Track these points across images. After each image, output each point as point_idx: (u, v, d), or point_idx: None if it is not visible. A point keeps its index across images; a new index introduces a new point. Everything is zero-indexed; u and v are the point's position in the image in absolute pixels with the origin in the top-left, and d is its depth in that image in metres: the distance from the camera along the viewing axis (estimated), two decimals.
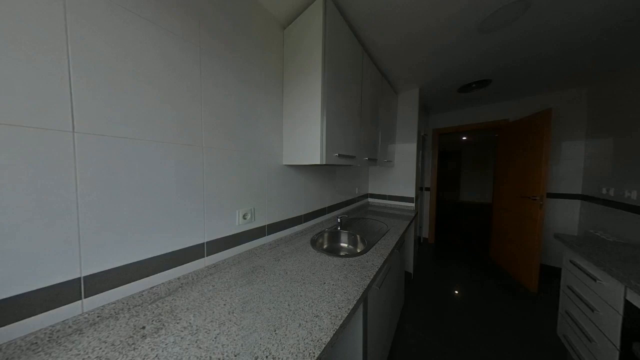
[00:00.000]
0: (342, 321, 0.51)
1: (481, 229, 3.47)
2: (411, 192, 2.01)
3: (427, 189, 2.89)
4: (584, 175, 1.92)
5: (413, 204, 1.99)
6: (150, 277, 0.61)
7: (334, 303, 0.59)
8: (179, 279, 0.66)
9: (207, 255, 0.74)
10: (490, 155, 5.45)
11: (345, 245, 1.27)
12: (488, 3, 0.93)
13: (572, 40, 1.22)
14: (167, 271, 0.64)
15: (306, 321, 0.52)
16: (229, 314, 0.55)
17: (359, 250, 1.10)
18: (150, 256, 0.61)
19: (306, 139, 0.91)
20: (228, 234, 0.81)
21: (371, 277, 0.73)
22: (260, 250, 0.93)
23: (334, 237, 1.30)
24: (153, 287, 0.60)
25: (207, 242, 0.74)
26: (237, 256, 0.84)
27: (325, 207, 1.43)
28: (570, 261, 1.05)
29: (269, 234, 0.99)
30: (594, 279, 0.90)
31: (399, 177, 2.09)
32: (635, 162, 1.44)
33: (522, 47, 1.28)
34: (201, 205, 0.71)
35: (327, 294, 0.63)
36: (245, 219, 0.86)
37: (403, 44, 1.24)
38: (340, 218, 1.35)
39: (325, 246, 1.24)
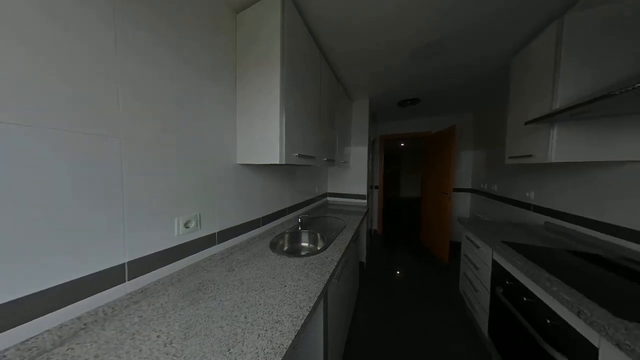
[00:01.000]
0: (303, 321, 0.52)
1: (415, 219, 4.33)
2: (363, 190, 2.26)
3: (376, 187, 3.33)
4: (472, 176, 2.73)
5: (365, 201, 2.24)
6: (30, 322, 0.42)
7: (295, 304, 0.59)
8: (79, 318, 0.48)
9: (129, 279, 0.58)
10: (421, 159, 6.87)
11: (306, 244, 1.29)
12: (417, 38, 1.17)
13: (468, 76, 1.70)
14: (59, 310, 0.46)
15: (266, 330, 0.49)
16: (166, 346, 0.45)
17: (319, 248, 1.14)
18: (30, 292, 0.42)
19: (264, 138, 0.86)
20: (163, 248, 0.66)
21: (330, 272, 0.77)
22: (209, 263, 0.81)
23: (295, 238, 1.29)
24: (29, 339, 0.42)
25: (130, 262, 0.58)
26: (176, 274, 0.70)
27: (285, 208, 1.40)
28: (466, 236, 1.47)
29: (220, 242, 0.88)
30: (477, 247, 1.29)
31: (354, 177, 2.30)
32: (495, 168, 2.16)
33: (440, 76, 1.68)
34: (119, 215, 0.55)
35: (289, 296, 0.62)
36: (188, 227, 0.73)
37: (357, 56, 1.37)
38: (300, 218, 1.36)
39: (285, 248, 1.21)
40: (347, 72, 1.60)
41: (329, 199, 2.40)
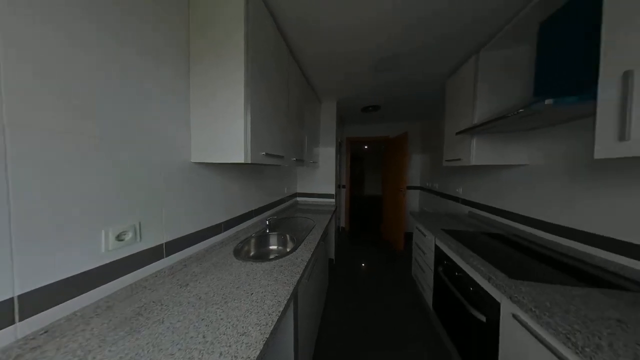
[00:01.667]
0: (272, 327, 0.50)
1: (377, 215, 4.79)
2: (332, 190, 2.34)
3: (343, 186, 3.51)
4: (420, 175, 3.22)
5: (333, 200, 2.33)
6: None
7: (263, 311, 0.56)
8: None
9: (21, 319, 0.42)
10: (382, 160, 7.63)
11: (275, 247, 1.24)
12: (376, 52, 1.30)
13: (417, 91, 1.99)
14: None
15: (229, 345, 0.45)
16: None
17: (288, 250, 1.12)
18: None
19: (226, 135, 0.78)
20: (81, 271, 0.51)
21: (300, 272, 0.77)
22: (154, 280, 0.68)
23: (263, 241, 1.23)
24: None
25: (22, 296, 0.42)
26: (104, 300, 0.55)
27: (252, 210, 1.31)
28: (416, 227, 1.73)
29: (169, 254, 0.75)
30: (424, 235, 1.53)
31: (323, 177, 2.36)
32: (436, 169, 2.62)
33: (395, 88, 1.91)
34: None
35: (256, 304, 0.59)
36: (121, 240, 0.59)
37: (326, 60, 1.41)
38: (269, 220, 1.30)
39: (252, 253, 1.14)
40: (316, 74, 1.62)
41: (298, 199, 2.38)
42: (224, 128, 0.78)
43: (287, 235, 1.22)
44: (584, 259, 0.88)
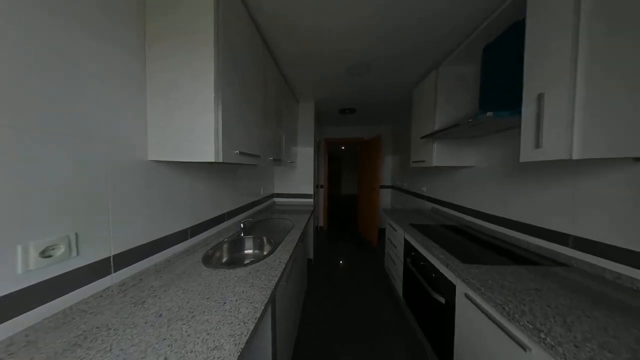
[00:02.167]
0: (247, 337, 0.47)
1: (354, 213, 5.00)
2: (310, 190, 2.35)
3: (321, 186, 3.55)
4: (392, 175, 3.49)
5: (312, 200, 2.34)
6: None
7: (238, 320, 0.52)
8: None
9: None
10: (357, 161, 7.99)
11: (251, 251, 1.18)
12: (350, 56, 1.35)
13: (388, 98, 2.14)
14: None
15: None
16: None
17: (265, 253, 1.08)
18: None
19: (193, 130, 0.70)
20: None
21: (278, 276, 0.75)
22: (97, 302, 0.57)
23: (237, 246, 1.15)
24: None
25: None
26: (22, 334, 0.44)
27: (224, 213, 1.22)
28: (388, 223, 1.87)
29: (119, 268, 0.64)
30: (395, 230, 1.66)
31: (301, 177, 2.35)
32: (405, 169, 2.88)
33: (369, 93, 2.02)
34: None
35: (230, 313, 0.55)
36: (48, 256, 0.48)
37: (304, 59, 1.40)
38: (243, 223, 1.23)
39: (225, 259, 1.06)
40: (293, 73, 1.60)
41: (275, 199, 2.32)
42: (191, 123, 0.70)
43: (264, 238, 1.18)
44: (514, 242, 1.09)
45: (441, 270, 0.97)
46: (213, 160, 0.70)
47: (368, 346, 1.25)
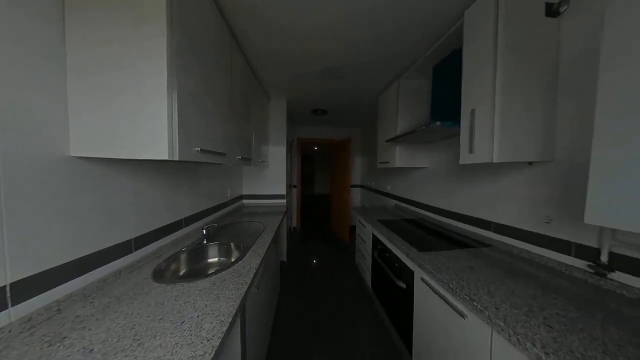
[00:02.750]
0: (212, 355, 0.43)
1: (327, 212, 5.12)
2: (283, 190, 2.29)
3: (294, 186, 3.51)
4: (361, 175, 3.73)
5: (285, 200, 2.29)
6: None
7: (201, 338, 0.47)
8: None
9: None
10: (330, 161, 8.20)
11: (216, 259, 1.07)
12: (324, 60, 1.39)
13: (358, 102, 2.28)
14: None
15: None
16: None
17: (233, 259, 0.99)
18: None
19: (137, 121, 0.59)
20: None
21: (248, 283, 0.70)
22: None
23: (199, 255, 1.03)
24: None
25: None
26: None
27: (182, 219, 1.07)
28: (358, 220, 1.99)
29: (23, 299, 0.49)
30: (364, 226, 1.79)
31: (273, 177, 2.26)
32: (373, 170, 3.12)
33: (340, 96, 2.11)
34: None
35: (189, 333, 0.48)
36: None
37: (273, 54, 1.35)
38: (207, 228, 1.10)
39: (183, 272, 0.93)
40: (264, 68, 1.53)
41: (244, 201, 2.17)
42: (135, 112, 0.59)
43: (232, 244, 1.09)
44: (456, 230, 1.31)
45: (402, 260, 1.09)
46: (167, 158, 0.60)
47: (339, 338, 1.30)
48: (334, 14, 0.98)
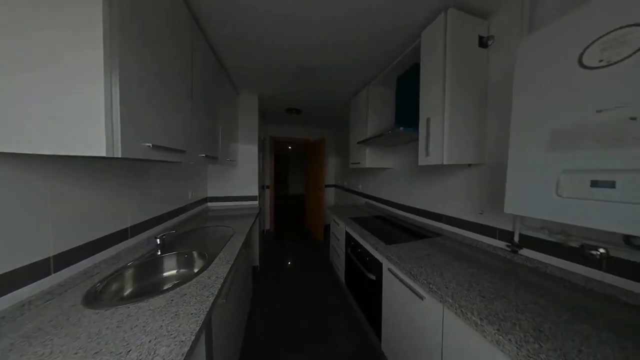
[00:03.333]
0: None
1: (301, 212, 5.09)
2: (255, 191, 2.17)
3: (267, 187, 3.37)
4: (335, 175, 3.86)
5: (257, 202, 2.17)
6: None
7: None
8: None
9: None
10: (305, 161, 8.17)
11: (174, 272, 0.94)
12: (296, 57, 1.37)
13: (331, 104, 2.34)
14: None
15: None
16: None
17: (196, 270, 0.88)
18: None
19: (62, 106, 0.47)
20: None
21: (215, 294, 0.64)
22: None
23: (150, 269, 0.88)
24: None
25: None
26: None
27: (126, 229, 0.90)
28: (332, 219, 2.05)
29: None
30: (338, 224, 1.85)
31: (244, 177, 2.12)
32: (345, 170, 3.26)
33: (314, 95, 2.13)
34: None
35: None
36: None
37: (242, 45, 1.26)
38: (161, 237, 0.95)
39: (129, 291, 0.78)
40: (232, 59, 1.42)
41: (210, 204, 1.96)
42: (59, 95, 0.46)
43: (194, 252, 0.97)
44: (416, 223, 1.49)
45: (372, 253, 1.17)
46: (105, 155, 0.49)
47: (314, 338, 1.32)
48: (303, 10, 0.98)
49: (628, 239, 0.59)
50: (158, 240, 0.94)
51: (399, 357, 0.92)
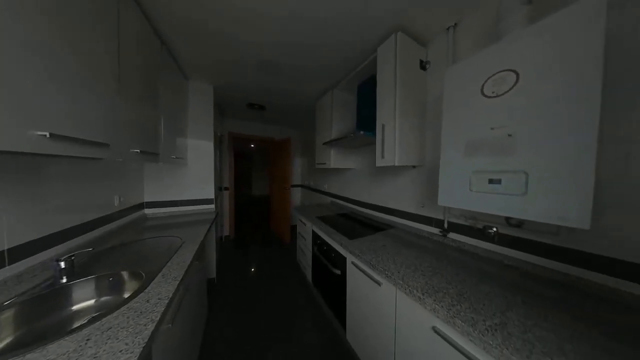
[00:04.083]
0: None
1: (266, 213, 4.83)
2: (210, 193, 1.92)
3: (226, 188, 3.04)
4: (301, 175, 3.85)
5: (213, 205, 1.93)
6: None
7: None
8: None
9: None
10: (270, 160, 7.77)
11: (91, 302, 0.73)
12: (258, 50, 1.30)
13: (296, 103, 2.32)
14: None
15: None
16: None
17: (127, 295, 0.71)
18: None
19: None
20: None
21: (157, 319, 0.53)
22: None
23: (48, 304, 0.65)
24: None
25: None
26: None
27: (3, 252, 0.63)
28: (299, 219, 2.04)
29: None
30: (305, 224, 1.86)
31: (195, 178, 1.84)
32: (312, 170, 3.30)
33: (280, 94, 2.06)
34: None
35: None
36: None
37: (194, 26, 1.09)
38: (67, 259, 0.72)
39: (7, 341, 0.55)
40: (181, 42, 1.21)
41: (148, 211, 1.61)
42: None
43: (124, 273, 0.78)
44: (375, 218, 1.66)
45: (337, 249, 1.24)
46: None
47: (281, 337, 1.28)
48: (261, 3, 0.94)
49: (508, 220, 0.83)
50: (62, 264, 0.70)
51: (361, 343, 1.01)
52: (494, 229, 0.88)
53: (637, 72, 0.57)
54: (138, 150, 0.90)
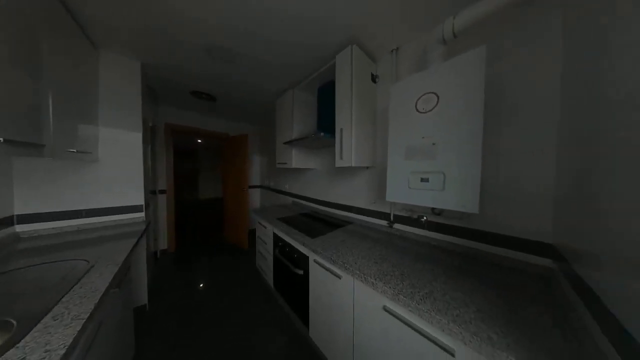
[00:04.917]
0: None
1: (218, 218, 4.24)
2: (138, 199, 1.52)
3: (163, 191, 2.49)
4: (260, 175, 3.61)
5: (142, 213, 1.53)
6: None
7: None
8: None
9: None
10: (223, 158, 6.85)
11: None
12: (209, 33, 1.15)
13: (253, 99, 2.15)
14: None
15: None
16: None
17: None
18: None
19: None
20: None
21: None
22: None
23: None
24: None
25: None
26: None
27: None
28: (258, 222, 1.91)
29: None
30: (265, 227, 1.76)
31: (114, 180, 1.41)
32: (272, 170, 3.15)
33: (234, 85, 1.86)
34: None
35: None
36: None
37: None
38: None
39: None
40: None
41: (23, 228, 1.12)
42: None
43: None
44: (335, 216, 1.76)
45: (299, 249, 1.23)
46: None
47: (243, 345, 1.16)
48: None
49: (433, 210, 1.06)
50: None
51: (323, 338, 1.05)
52: (425, 218, 1.10)
53: (506, 105, 0.85)
54: (1, 140, 0.60)
